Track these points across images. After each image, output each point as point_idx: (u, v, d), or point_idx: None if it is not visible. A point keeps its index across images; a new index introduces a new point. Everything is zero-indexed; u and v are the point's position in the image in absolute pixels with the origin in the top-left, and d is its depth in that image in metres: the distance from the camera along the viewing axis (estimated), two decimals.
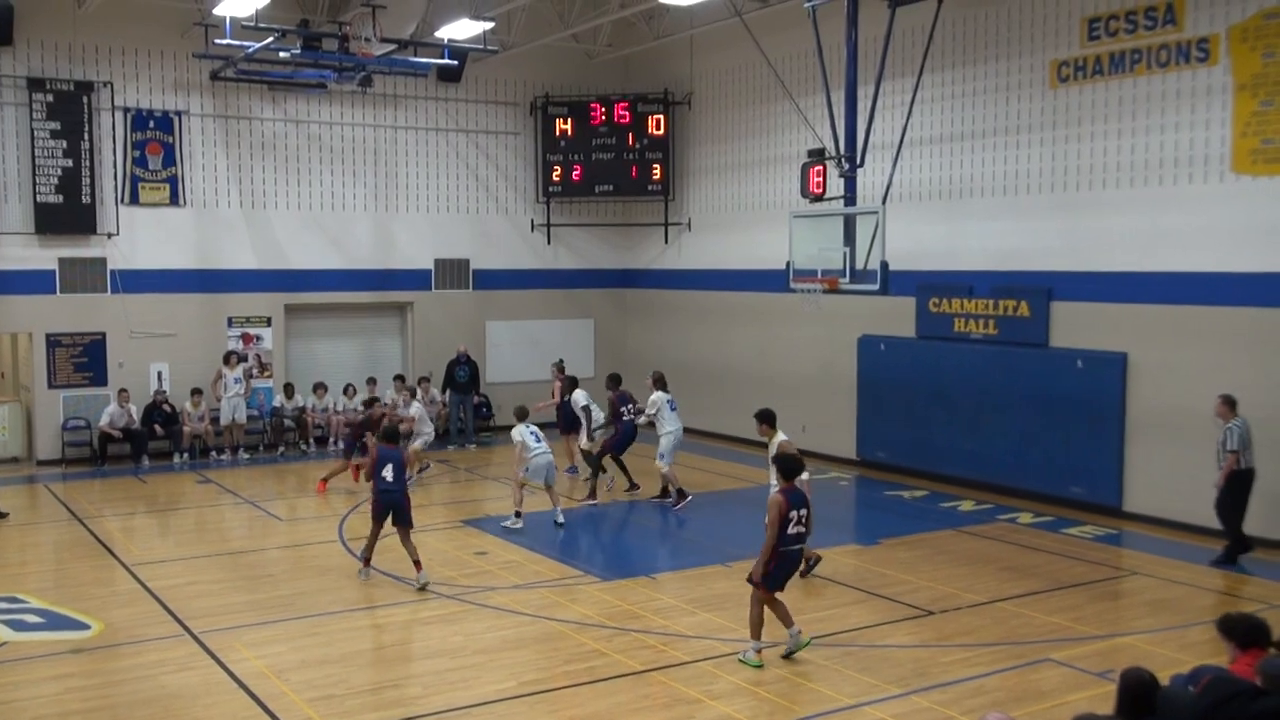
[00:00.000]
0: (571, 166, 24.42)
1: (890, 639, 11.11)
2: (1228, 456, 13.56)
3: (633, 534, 15.94)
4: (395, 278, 23.68)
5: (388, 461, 12.81)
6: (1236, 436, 13.53)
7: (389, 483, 12.74)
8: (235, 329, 22.20)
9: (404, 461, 13.11)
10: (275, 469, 20.72)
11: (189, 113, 21.55)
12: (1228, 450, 13.58)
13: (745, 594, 12.66)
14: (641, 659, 10.54)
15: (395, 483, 12.75)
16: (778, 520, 10.15)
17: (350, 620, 11.76)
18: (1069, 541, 14.97)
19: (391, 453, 12.95)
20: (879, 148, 18.14)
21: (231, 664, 10.44)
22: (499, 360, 24.37)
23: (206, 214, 21.85)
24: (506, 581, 13.06)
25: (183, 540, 15.62)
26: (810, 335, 20.79)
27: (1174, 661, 9.94)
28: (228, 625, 11.57)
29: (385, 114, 23.41)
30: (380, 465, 12.80)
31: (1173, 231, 15.37)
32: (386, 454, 12.91)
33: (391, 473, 12.74)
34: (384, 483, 12.76)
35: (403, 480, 12.84)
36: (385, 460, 12.83)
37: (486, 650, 10.86)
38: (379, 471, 12.78)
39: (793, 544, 10.30)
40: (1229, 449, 13.56)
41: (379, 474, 12.78)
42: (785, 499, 10.24)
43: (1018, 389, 17.22)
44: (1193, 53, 15.02)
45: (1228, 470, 13.56)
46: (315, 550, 14.74)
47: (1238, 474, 13.57)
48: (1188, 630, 11.34)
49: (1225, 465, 13.58)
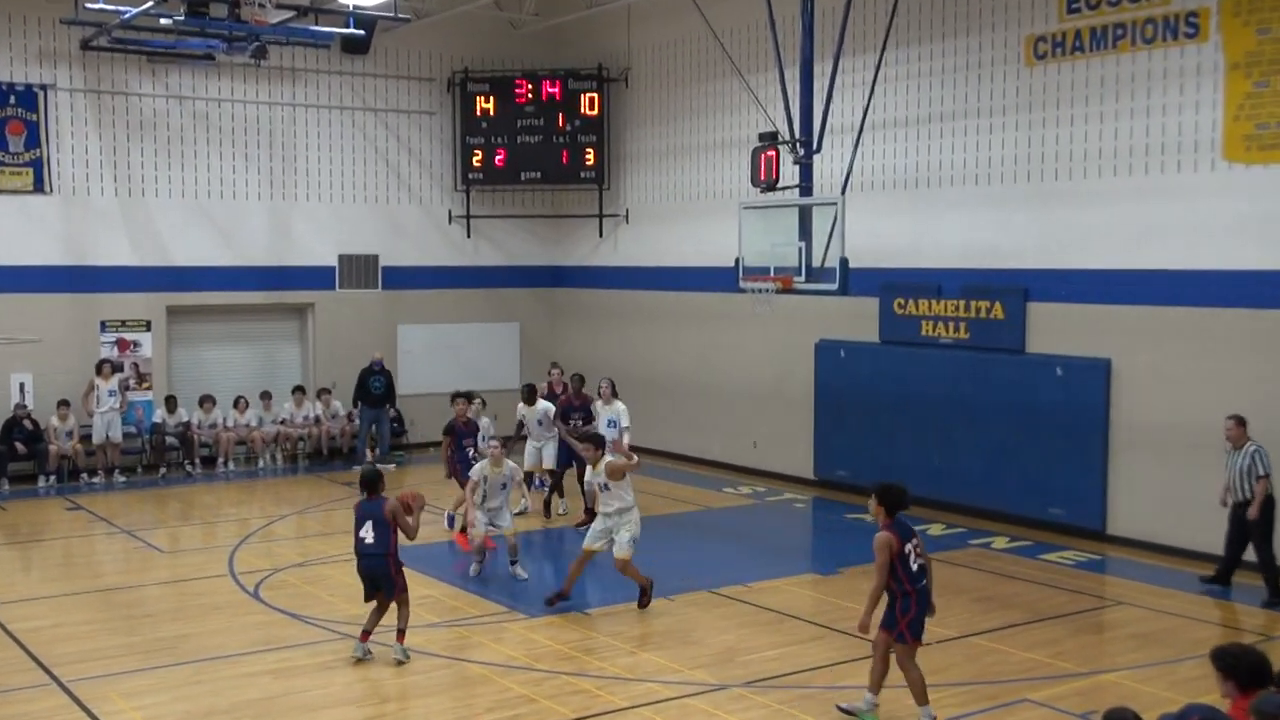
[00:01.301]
0: (494, 150, 24.37)
1: (851, 679, 11.17)
2: (1259, 483, 13.55)
3: (562, 565, 15.89)
4: (293, 276, 23.49)
5: (366, 518, 11.65)
6: (1263, 459, 13.55)
7: (369, 545, 11.59)
8: (109, 334, 21.89)
9: (388, 515, 11.58)
10: (156, 493, 20.46)
11: (56, 87, 21.24)
12: (1258, 476, 13.55)
13: (688, 631, 12.73)
14: (574, 705, 10.52)
15: (376, 545, 11.56)
16: (887, 563, 9.77)
17: (241, 665, 11.62)
18: (1048, 569, 15.15)
19: (371, 506, 11.69)
20: (838, 131, 18.28)
21: (104, 716, 10.27)
22: (412, 369, 24.25)
23: (76, 203, 21.54)
24: (420, 620, 12.97)
25: (48, 576, 15.38)
26: (762, 340, 20.90)
27: (1162, 700, 10.08)
28: (100, 673, 11.38)
29: (282, 90, 23.22)
30: (359, 523, 11.71)
31: (1161, 225, 15.63)
32: (365, 509, 11.71)
33: (372, 532, 11.58)
34: (362, 545, 11.65)
35: (387, 542, 11.54)
36: (364, 517, 11.68)
37: (397, 697, 10.79)
38: (358, 530, 11.69)
39: (920, 580, 9.90)
40: (1259, 474, 13.55)
41: (357, 534, 11.69)
42: (895, 535, 9.86)
43: (991, 400, 17.43)
44: (1181, 28, 15.30)
45: (1261, 497, 13.56)
46: (202, 586, 14.56)
47: (1268, 500, 13.64)
48: (1178, 665, 11.52)
49: (1258, 492, 13.56)
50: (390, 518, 11.54)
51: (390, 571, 11.62)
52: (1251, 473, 13.63)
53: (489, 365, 24.99)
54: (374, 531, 11.57)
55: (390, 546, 11.60)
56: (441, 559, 15.77)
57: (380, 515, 11.60)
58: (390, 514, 11.55)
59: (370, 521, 11.60)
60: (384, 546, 11.58)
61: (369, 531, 11.59)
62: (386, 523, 11.58)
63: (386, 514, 11.55)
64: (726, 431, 21.98)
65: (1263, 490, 13.58)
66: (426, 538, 17.22)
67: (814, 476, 20.25)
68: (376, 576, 11.68)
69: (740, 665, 11.59)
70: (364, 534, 11.61)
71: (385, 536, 11.58)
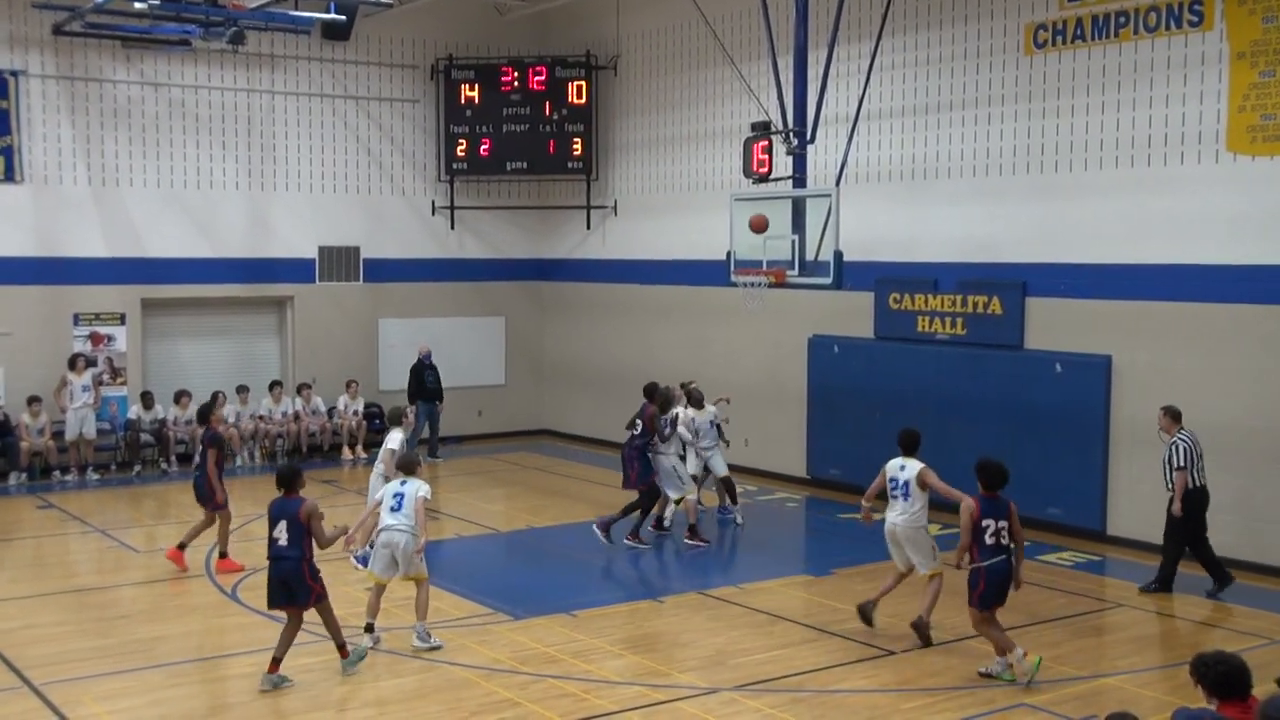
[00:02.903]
0: (479, 140, 24.34)
1: (845, 683, 11.20)
2: (1176, 475, 13.81)
3: (550, 565, 15.90)
4: (272, 268, 23.44)
5: (280, 518, 11.14)
6: (1183, 452, 13.81)
7: (281, 548, 11.09)
8: (82, 327, 21.82)
9: (303, 517, 11.07)
10: (130, 491, 20.41)
11: (27, 73, 21.16)
12: (1176, 467, 13.82)
13: (679, 633, 12.75)
14: (560, 709, 10.52)
15: (290, 548, 11.04)
16: (970, 527, 11.16)
17: (220, 668, 11.61)
18: (1046, 570, 15.19)
19: (286, 505, 11.21)
20: (832, 121, 18.30)
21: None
22: (393, 365, 24.19)
23: (48, 192, 21.46)
24: (403, 621, 12.95)
25: (19, 576, 15.32)
26: (753, 336, 20.91)
27: (1163, 705, 10.14)
28: (73, 675, 11.35)
29: (261, 77, 23.16)
30: (272, 523, 11.20)
31: (1163, 218, 15.67)
32: (279, 507, 11.24)
33: (286, 533, 11.07)
34: (275, 548, 11.14)
35: (301, 544, 11.02)
36: (277, 517, 11.17)
37: (380, 701, 10.77)
38: (271, 530, 11.21)
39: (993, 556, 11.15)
40: (1177, 465, 13.82)
41: (271, 534, 11.22)
42: (978, 507, 11.24)
43: (989, 397, 17.46)
44: (1185, 15, 15.33)
45: (1181, 490, 13.80)
46: (178, 587, 14.54)
47: (1190, 494, 13.86)
48: (1178, 670, 11.53)
49: (1176, 485, 13.83)
50: (305, 520, 11.03)
51: (305, 576, 11.04)
52: (1171, 464, 13.88)
53: (473, 360, 24.99)
54: (288, 533, 11.05)
55: (306, 550, 11.06)
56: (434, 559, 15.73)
57: (295, 516, 11.07)
58: (306, 516, 11.04)
59: (284, 521, 11.08)
60: (299, 549, 11.03)
61: (283, 532, 11.07)
62: (301, 524, 11.04)
63: (302, 516, 11.03)
64: None
65: (1181, 483, 13.77)
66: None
67: (806, 475, 20.27)
68: (290, 581, 11.07)
69: (731, 668, 11.59)
70: (277, 534, 11.10)
71: (300, 538, 11.04)
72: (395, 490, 12.22)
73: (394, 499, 12.14)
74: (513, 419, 25.77)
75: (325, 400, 23.23)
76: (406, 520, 11.99)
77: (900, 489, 12.51)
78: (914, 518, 12.46)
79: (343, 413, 23.29)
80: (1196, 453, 13.86)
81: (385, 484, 12.82)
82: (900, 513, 12.48)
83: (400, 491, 12.16)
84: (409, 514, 11.99)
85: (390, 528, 12.04)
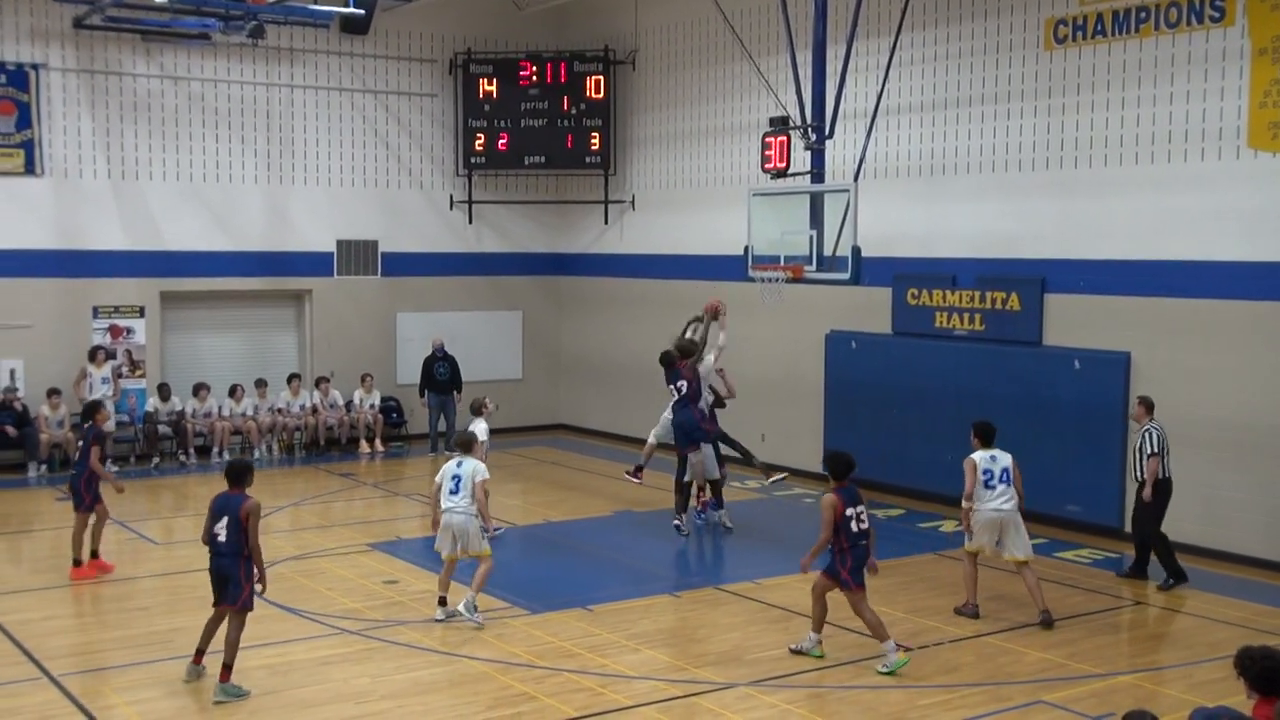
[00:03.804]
0: (497, 134, 24.36)
1: (860, 679, 11.20)
2: (1150, 462, 14.03)
3: (566, 559, 15.94)
4: (290, 262, 23.50)
5: (222, 514, 10.95)
6: (1156, 438, 14.06)
7: (220, 544, 10.91)
8: (102, 320, 21.91)
9: (243, 515, 10.84)
10: (148, 484, 20.47)
11: (48, 66, 21.24)
12: (1147, 455, 14.05)
13: (695, 628, 12.77)
14: (576, 703, 10.54)
15: (227, 544, 10.87)
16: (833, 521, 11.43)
17: (238, 660, 11.64)
18: (1064, 567, 15.18)
19: (229, 500, 10.99)
20: (851, 117, 18.27)
21: (98, 712, 10.30)
22: (410, 359, 24.22)
23: (68, 185, 21.55)
24: (420, 614, 13.00)
25: (39, 567, 15.39)
26: (771, 331, 20.89)
27: (1181, 703, 10.12)
28: (93, 667, 11.43)
29: (279, 71, 23.22)
30: (214, 517, 11.00)
31: (1182, 215, 15.62)
32: (220, 503, 11.04)
33: (225, 530, 10.89)
34: (214, 543, 10.97)
35: (237, 543, 10.84)
36: (219, 512, 10.99)
37: (396, 694, 10.80)
38: (211, 527, 11.00)
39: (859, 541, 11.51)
40: (1149, 453, 14.04)
41: (210, 529, 11.01)
42: (840, 498, 11.52)
43: (1007, 393, 17.41)
44: (1206, 11, 15.27)
45: (1153, 478, 14.03)
46: (196, 579, 14.46)
47: (1159, 483, 14.08)
48: (1197, 667, 11.54)
49: (1149, 471, 14.05)
50: (245, 518, 10.82)
51: (239, 575, 10.87)
52: (1142, 451, 14.12)
53: (491, 355, 25.02)
54: (228, 530, 10.87)
55: (243, 547, 10.87)
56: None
57: (237, 510, 10.87)
58: (246, 514, 10.82)
59: (226, 518, 10.90)
60: (235, 546, 10.87)
61: (223, 529, 10.90)
62: (240, 521, 10.85)
63: (242, 513, 10.83)
64: (733, 424, 21.95)
65: (1152, 469, 13.99)
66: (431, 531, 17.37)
67: (823, 471, 20.21)
68: (226, 578, 10.89)
69: (747, 664, 11.61)
70: (218, 530, 10.93)
71: (237, 536, 10.85)
72: (453, 472, 12.76)
73: (451, 481, 12.73)
74: (530, 413, 25.80)
75: (343, 394, 23.30)
76: (464, 502, 12.60)
77: (1000, 478, 13.04)
78: (1018, 504, 13.05)
79: (358, 407, 23.35)
80: (1166, 443, 14.11)
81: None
82: (1007, 499, 13.00)
83: (457, 474, 12.71)
84: (466, 496, 12.59)
85: (450, 510, 12.67)
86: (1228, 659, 7.70)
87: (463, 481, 12.62)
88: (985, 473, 13.06)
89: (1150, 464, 14.04)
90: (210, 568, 11.03)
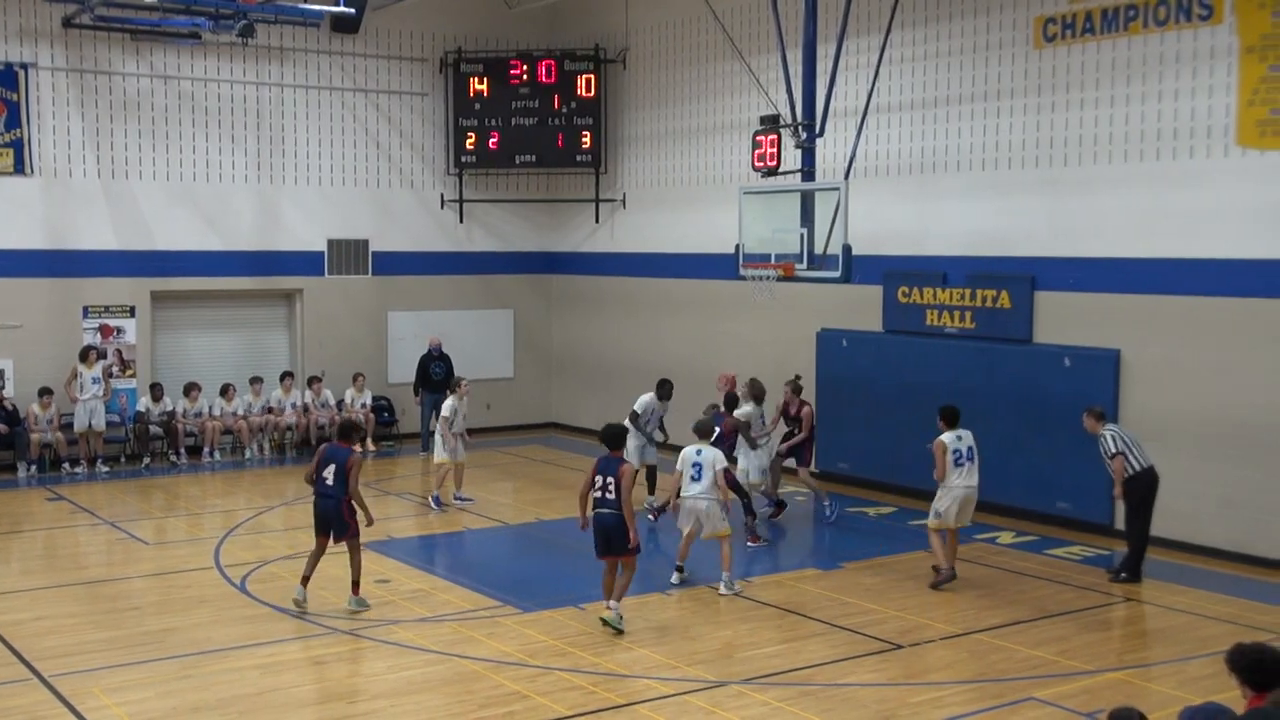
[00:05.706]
0: (488, 133, 24.34)
1: (853, 676, 11.22)
2: (1114, 463, 14.13)
3: (558, 558, 15.94)
4: (282, 261, 23.47)
5: (330, 462, 12.93)
6: (1111, 439, 14.17)
7: (328, 486, 12.86)
8: (92, 320, 21.87)
9: (349, 466, 12.82)
10: (139, 484, 20.45)
11: (36, 65, 21.19)
12: (1110, 456, 14.16)
13: (687, 626, 12.78)
14: (569, 702, 10.55)
15: (335, 487, 12.80)
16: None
17: (229, 660, 11.65)
18: (1054, 564, 15.20)
19: (337, 452, 13.02)
20: (841, 115, 18.28)
21: (88, 712, 10.28)
22: (403, 357, 24.22)
23: (58, 185, 21.51)
24: (412, 613, 13.01)
25: (29, 568, 15.37)
26: (762, 329, 20.91)
27: (1172, 699, 10.14)
28: (83, 667, 11.39)
29: (269, 70, 23.19)
30: (321, 465, 12.98)
31: (1172, 212, 15.65)
32: (331, 453, 13.06)
33: (332, 475, 12.82)
34: (322, 485, 12.91)
35: (344, 486, 12.76)
36: (328, 460, 12.97)
37: (388, 694, 10.80)
38: (319, 472, 12.95)
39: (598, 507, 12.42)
40: (1110, 453, 14.15)
41: (319, 475, 12.94)
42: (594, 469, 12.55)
43: (997, 391, 17.45)
44: (1194, 9, 15.30)
45: (1120, 477, 14.13)
46: (188, 579, 14.57)
47: (1133, 478, 14.12)
48: (1187, 664, 11.57)
49: (1115, 471, 14.15)
50: (349, 468, 12.76)
51: (344, 515, 12.82)
52: (1105, 455, 14.22)
53: (482, 353, 24.99)
54: (335, 474, 12.82)
55: (346, 492, 12.78)
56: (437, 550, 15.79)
57: (344, 461, 12.86)
58: (350, 465, 12.78)
59: (334, 465, 12.86)
60: (340, 490, 12.78)
61: (330, 474, 12.86)
62: (345, 471, 12.79)
63: (348, 464, 12.78)
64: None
65: (1119, 469, 14.11)
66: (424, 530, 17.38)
67: (814, 469, 20.23)
68: (328, 518, 12.91)
69: (740, 662, 11.62)
70: (326, 475, 12.89)
71: (343, 481, 12.77)
72: (693, 460, 13.66)
73: (693, 468, 13.67)
74: (521, 412, 25.80)
75: (334, 393, 23.27)
76: (704, 489, 13.58)
77: (966, 455, 13.93)
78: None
79: (350, 405, 23.32)
80: (1127, 438, 14.21)
81: None
82: (974, 477, 13.95)
83: (698, 461, 13.65)
84: (708, 484, 13.56)
85: (694, 496, 13.66)
86: (1218, 655, 7.73)
87: (704, 469, 13.56)
88: (955, 452, 13.88)
89: (1116, 463, 14.11)
90: (315, 506, 13.09)
